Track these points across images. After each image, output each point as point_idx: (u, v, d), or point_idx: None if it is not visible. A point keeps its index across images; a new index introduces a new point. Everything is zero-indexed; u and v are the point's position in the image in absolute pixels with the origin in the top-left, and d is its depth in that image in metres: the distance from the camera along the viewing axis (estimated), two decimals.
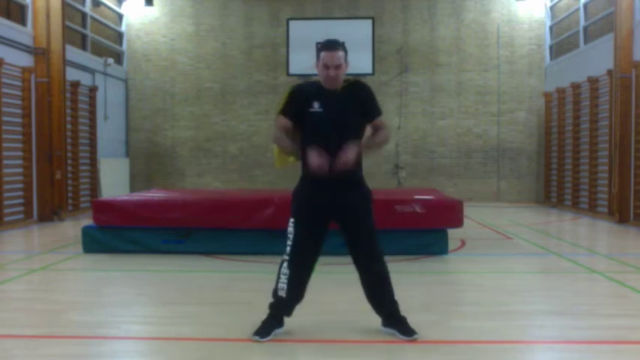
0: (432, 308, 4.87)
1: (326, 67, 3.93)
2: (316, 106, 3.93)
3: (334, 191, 3.94)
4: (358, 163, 4.00)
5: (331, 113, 3.92)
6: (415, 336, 3.98)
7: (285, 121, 4.00)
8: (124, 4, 15.90)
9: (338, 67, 3.94)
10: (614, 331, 4.26)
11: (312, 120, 3.94)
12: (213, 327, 4.36)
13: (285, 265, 4.00)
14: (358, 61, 14.54)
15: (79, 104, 13.12)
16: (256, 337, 3.96)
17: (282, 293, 4.01)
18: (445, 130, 15.84)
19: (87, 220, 9.23)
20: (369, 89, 4.14)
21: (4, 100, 10.30)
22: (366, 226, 4.02)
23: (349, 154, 3.78)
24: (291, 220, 4.03)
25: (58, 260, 7.16)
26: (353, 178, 4.00)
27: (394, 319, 4.07)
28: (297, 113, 3.98)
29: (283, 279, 3.99)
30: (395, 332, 4.04)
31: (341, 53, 3.97)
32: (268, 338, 3.97)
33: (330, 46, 3.98)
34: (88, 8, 14.13)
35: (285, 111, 4.01)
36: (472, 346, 3.94)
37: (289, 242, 4.00)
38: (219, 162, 16.08)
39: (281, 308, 4.07)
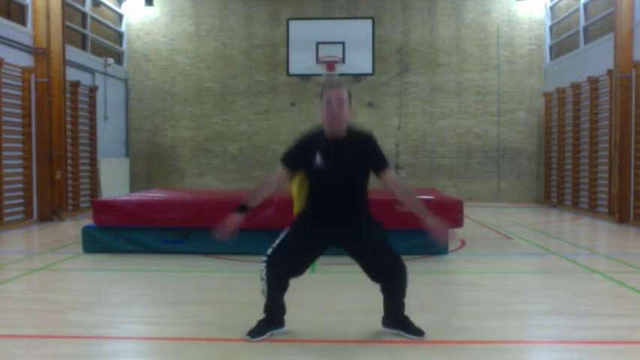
0: (432, 308, 4.87)
1: (329, 103, 3.88)
2: (318, 160, 3.91)
3: (335, 227, 3.96)
4: (361, 200, 4.04)
5: (333, 168, 3.91)
6: (423, 335, 4.00)
7: (283, 173, 4.02)
8: (124, 4, 15.90)
9: (340, 102, 3.87)
10: (614, 331, 4.26)
11: (314, 175, 3.97)
12: (213, 327, 4.36)
13: (263, 265, 3.96)
14: (358, 61, 14.59)
15: (79, 104, 13.12)
16: (247, 337, 3.98)
17: (265, 295, 4.01)
18: (445, 130, 15.84)
19: (87, 220, 9.24)
20: (373, 140, 4.05)
21: (4, 100, 10.30)
22: (373, 245, 3.99)
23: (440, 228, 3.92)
24: (287, 229, 4.06)
25: (58, 260, 7.16)
26: (355, 214, 4.01)
27: (400, 320, 4.08)
28: (297, 165, 4.02)
29: (263, 281, 3.97)
30: (401, 332, 4.04)
31: (344, 92, 3.93)
32: (260, 338, 3.99)
33: (334, 84, 3.99)
34: (88, 8, 14.13)
35: (286, 160, 4.03)
36: (472, 346, 3.94)
37: (274, 244, 4.00)
38: (219, 162, 16.08)
39: (271, 308, 4.07)
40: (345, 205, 3.97)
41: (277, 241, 4.01)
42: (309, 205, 4.05)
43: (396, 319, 4.08)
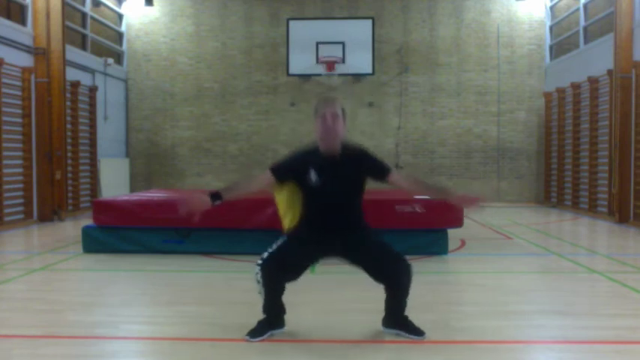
0: (432, 308, 4.87)
1: (324, 118, 3.88)
2: (313, 176, 3.92)
3: (332, 238, 3.97)
4: (357, 212, 4.06)
5: (328, 184, 3.92)
6: (424, 335, 4.00)
7: (269, 180, 4.00)
8: (124, 4, 15.90)
9: (335, 117, 3.87)
10: (614, 331, 4.26)
11: (309, 191, 3.98)
12: (213, 327, 4.36)
13: (258, 269, 3.94)
14: (358, 61, 14.59)
15: (79, 104, 13.12)
16: (247, 337, 3.99)
17: (263, 297, 4.01)
18: (445, 130, 15.84)
19: (87, 220, 9.23)
20: (368, 153, 4.08)
21: (4, 100, 10.30)
22: (374, 248, 4.00)
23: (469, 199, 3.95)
24: (283, 237, 4.06)
25: (58, 260, 7.16)
26: (352, 226, 4.02)
27: (400, 320, 4.08)
28: (286, 178, 4.00)
29: (259, 284, 3.96)
30: (401, 332, 4.04)
31: (338, 108, 3.94)
32: (260, 339, 3.99)
33: (328, 99, 4.02)
34: (88, 8, 14.13)
35: (276, 170, 4.01)
36: (472, 346, 3.94)
37: (270, 249, 4.00)
38: (219, 162, 16.07)
39: (270, 309, 4.06)
40: (341, 220, 3.99)
41: (274, 247, 4.01)
42: (304, 220, 4.06)
43: (397, 319, 4.08)
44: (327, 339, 4.07)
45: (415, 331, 4.02)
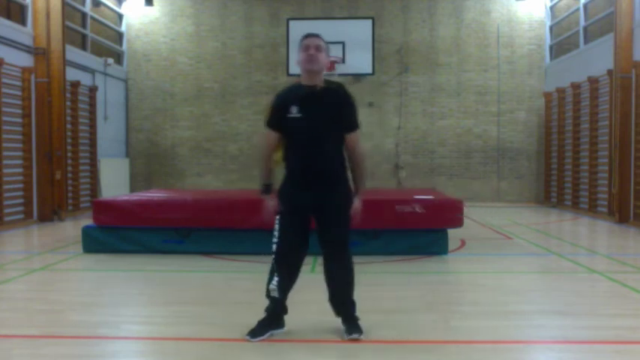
0: (432, 308, 4.87)
1: (306, 48, 3.90)
2: (294, 110, 3.91)
3: (315, 189, 3.96)
4: (341, 163, 4.03)
5: (309, 119, 3.90)
6: (356, 335, 3.95)
7: (272, 136, 4.04)
8: (124, 4, 15.90)
9: (318, 47, 3.90)
10: (614, 331, 4.26)
11: (290, 126, 3.95)
12: (213, 327, 4.36)
13: (274, 263, 4.00)
14: (358, 61, 14.58)
15: (79, 104, 13.12)
16: (247, 337, 3.99)
17: (275, 293, 4.01)
18: (445, 130, 15.84)
19: (87, 220, 9.23)
20: (350, 98, 4.04)
21: (4, 100, 10.30)
22: (339, 223, 4.01)
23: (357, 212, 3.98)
24: (276, 217, 4.07)
25: (58, 260, 7.16)
26: (334, 177, 4.01)
27: (346, 318, 4.08)
28: (279, 121, 4.00)
29: (274, 280, 3.99)
30: (343, 330, 4.05)
31: (321, 40, 3.97)
32: (260, 338, 3.99)
33: (310, 34, 4.02)
34: (88, 8, 14.13)
35: (270, 123, 4.05)
36: (472, 346, 3.94)
37: (275, 239, 4.02)
38: (219, 162, 16.07)
39: (276, 308, 4.07)
40: (319, 164, 3.95)
41: (275, 234, 4.03)
42: (287, 168, 4.06)
43: (344, 316, 4.08)
44: (327, 339, 4.07)
45: (350, 331, 3.99)
